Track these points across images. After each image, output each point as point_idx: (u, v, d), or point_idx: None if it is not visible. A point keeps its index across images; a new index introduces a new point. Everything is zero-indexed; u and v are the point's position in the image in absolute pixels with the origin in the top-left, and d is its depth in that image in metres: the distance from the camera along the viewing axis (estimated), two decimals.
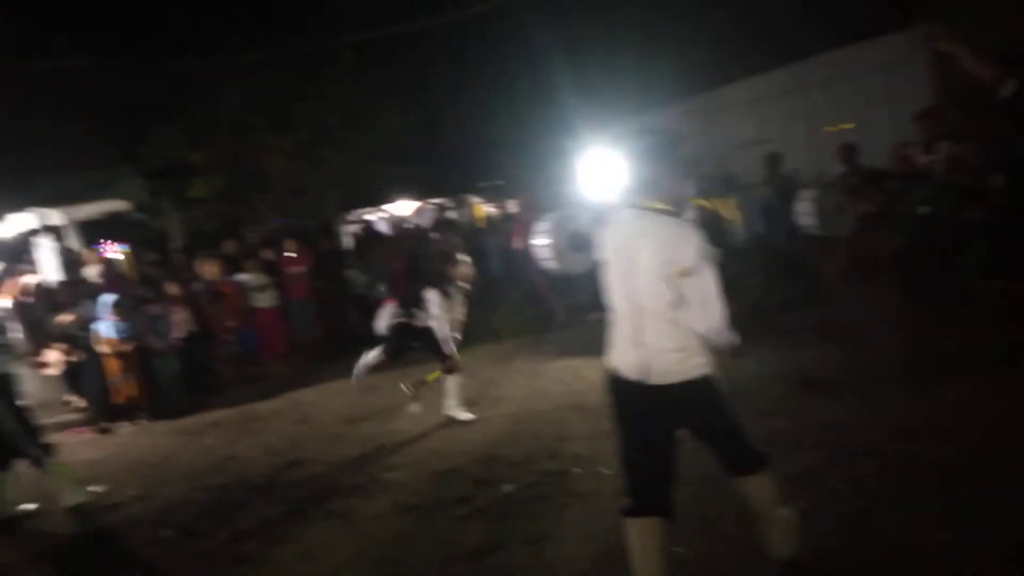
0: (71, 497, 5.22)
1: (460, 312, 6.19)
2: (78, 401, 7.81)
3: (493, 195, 23.93)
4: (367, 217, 19.54)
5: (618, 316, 2.87)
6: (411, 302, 6.16)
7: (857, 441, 4.16)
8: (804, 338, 6.66)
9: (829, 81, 14.37)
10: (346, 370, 8.64)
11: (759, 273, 9.53)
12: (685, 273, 2.62)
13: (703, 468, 3.11)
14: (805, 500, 3.32)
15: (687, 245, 2.64)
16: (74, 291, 7.79)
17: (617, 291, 2.85)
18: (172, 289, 8.11)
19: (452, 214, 23.58)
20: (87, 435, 7.60)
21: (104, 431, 7.51)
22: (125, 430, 7.57)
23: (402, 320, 6.22)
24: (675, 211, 2.82)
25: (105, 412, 7.63)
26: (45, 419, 7.79)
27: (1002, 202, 6.74)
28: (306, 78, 11.62)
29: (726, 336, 2.76)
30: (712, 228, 8.53)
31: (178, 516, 4.90)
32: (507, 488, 4.43)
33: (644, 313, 2.74)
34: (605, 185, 8.66)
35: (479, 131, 17.46)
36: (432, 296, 5.92)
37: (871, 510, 3.41)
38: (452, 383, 6.09)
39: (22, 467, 5.24)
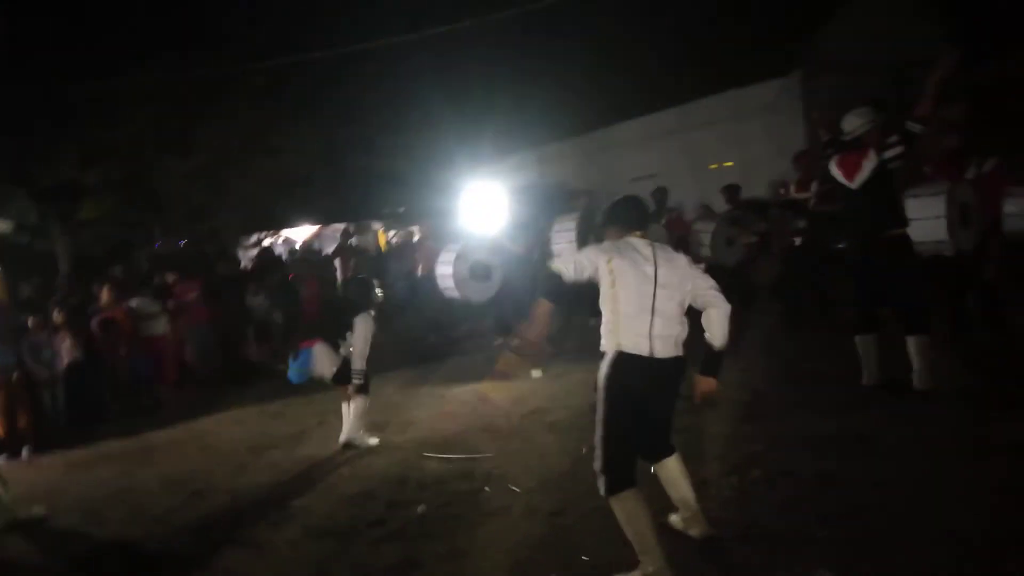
0: None
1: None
2: None
3: (394, 222, 23.96)
4: (265, 242, 19.13)
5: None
6: (337, 332, 5.90)
7: (743, 452, 4.55)
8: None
9: (712, 121, 15.32)
10: (245, 398, 8.52)
11: None
12: None
13: None
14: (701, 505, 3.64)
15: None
16: None
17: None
18: (57, 316, 7.72)
19: (353, 240, 23.41)
20: None
21: None
22: (6, 464, 7.12)
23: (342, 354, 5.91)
24: None
25: None
26: None
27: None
28: (209, 100, 11.32)
29: None
30: None
31: (72, 549, 4.72)
32: (420, 509, 4.52)
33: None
34: (489, 218, 9.01)
35: (376, 160, 17.51)
36: (361, 323, 5.82)
37: (758, 514, 3.75)
38: (360, 409, 6.07)
39: None
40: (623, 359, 3.31)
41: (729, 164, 15.09)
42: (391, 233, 19.84)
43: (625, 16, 17.19)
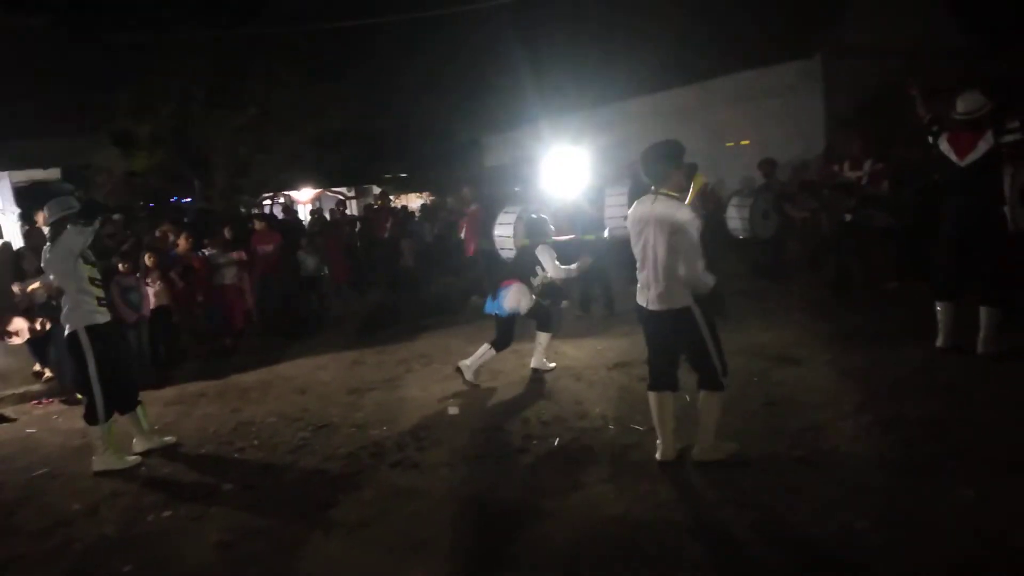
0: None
1: None
2: (46, 372, 7.54)
3: (397, 187, 24.25)
4: (267, 203, 19.26)
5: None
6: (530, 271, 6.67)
7: (847, 401, 5.08)
8: (752, 323, 7.57)
9: (732, 100, 15.72)
10: (315, 347, 8.86)
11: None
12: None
13: None
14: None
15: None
16: (40, 258, 7.47)
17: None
18: (148, 259, 7.96)
19: (351, 203, 23.67)
20: (55, 406, 7.40)
21: (73, 402, 7.30)
22: None
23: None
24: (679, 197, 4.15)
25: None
26: (10, 390, 7.56)
27: (909, 215, 8.09)
28: (255, 58, 11.44)
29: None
30: None
31: (230, 473, 5.07)
32: (556, 441, 4.96)
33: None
34: (558, 182, 9.40)
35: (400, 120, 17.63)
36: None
37: (885, 450, 4.28)
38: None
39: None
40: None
41: (746, 143, 15.53)
42: (421, 197, 20.11)
43: None
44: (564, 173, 8.58)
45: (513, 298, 6.40)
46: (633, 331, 7.91)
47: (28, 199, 9.58)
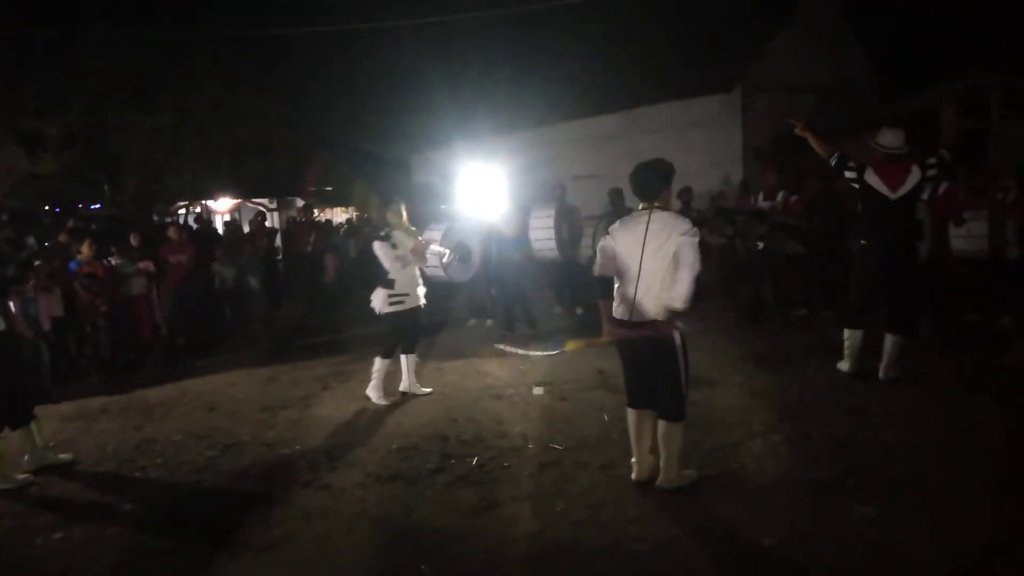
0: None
1: None
2: None
3: (321, 200, 23.87)
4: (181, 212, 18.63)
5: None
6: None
7: (758, 421, 5.22)
8: None
9: (656, 129, 16.16)
10: (227, 363, 8.55)
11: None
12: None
13: None
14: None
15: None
16: None
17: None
18: (44, 268, 7.52)
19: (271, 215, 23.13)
20: None
21: None
22: None
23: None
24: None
25: None
26: None
27: (818, 243, 8.46)
28: (174, 62, 11.06)
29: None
30: None
31: (130, 493, 4.81)
32: (474, 461, 4.91)
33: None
34: (484, 200, 9.44)
35: (324, 134, 17.41)
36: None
37: (790, 467, 4.41)
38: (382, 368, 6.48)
39: None
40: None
41: None
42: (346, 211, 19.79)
43: (578, 25, 17.91)
44: (484, 193, 8.59)
45: (375, 299, 6.43)
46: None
47: None
